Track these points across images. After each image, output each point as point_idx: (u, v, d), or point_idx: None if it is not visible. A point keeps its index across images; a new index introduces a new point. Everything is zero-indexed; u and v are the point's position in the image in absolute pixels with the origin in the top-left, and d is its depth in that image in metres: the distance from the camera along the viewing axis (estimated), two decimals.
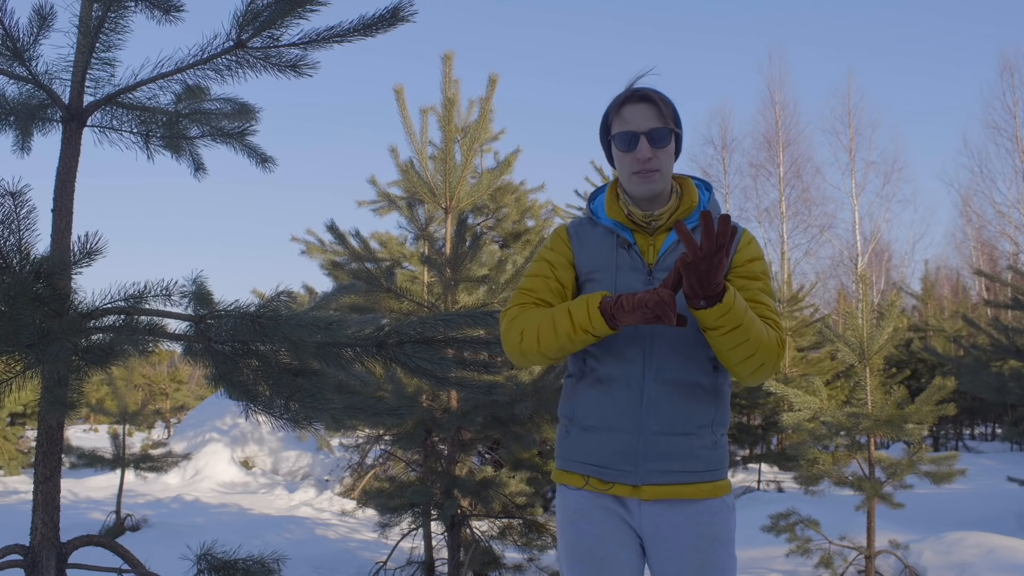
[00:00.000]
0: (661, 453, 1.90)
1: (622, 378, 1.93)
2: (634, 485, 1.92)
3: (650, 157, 1.92)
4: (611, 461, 1.92)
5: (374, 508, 5.71)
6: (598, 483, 1.95)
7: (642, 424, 1.91)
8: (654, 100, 1.95)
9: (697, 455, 1.92)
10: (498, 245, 8.86)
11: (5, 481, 11.97)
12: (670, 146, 1.97)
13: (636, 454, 1.91)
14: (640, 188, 1.96)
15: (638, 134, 1.92)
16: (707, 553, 1.91)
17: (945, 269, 29.74)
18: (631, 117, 1.94)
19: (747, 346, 1.82)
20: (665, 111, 1.95)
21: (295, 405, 2.33)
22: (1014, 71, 26.71)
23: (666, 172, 1.97)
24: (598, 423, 1.95)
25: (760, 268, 2.01)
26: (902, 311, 12.60)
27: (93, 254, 2.15)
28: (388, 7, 2.26)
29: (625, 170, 1.97)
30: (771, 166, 29.23)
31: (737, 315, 1.77)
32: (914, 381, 15.04)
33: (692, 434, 1.92)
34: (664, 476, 1.90)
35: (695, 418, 1.93)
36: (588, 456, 1.96)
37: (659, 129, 1.93)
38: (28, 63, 2.38)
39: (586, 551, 1.94)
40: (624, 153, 1.95)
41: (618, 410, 1.92)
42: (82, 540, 2.47)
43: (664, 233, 2.00)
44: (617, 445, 1.92)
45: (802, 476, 5.68)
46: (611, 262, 1.99)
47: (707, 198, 2.06)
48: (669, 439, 1.91)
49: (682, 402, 1.92)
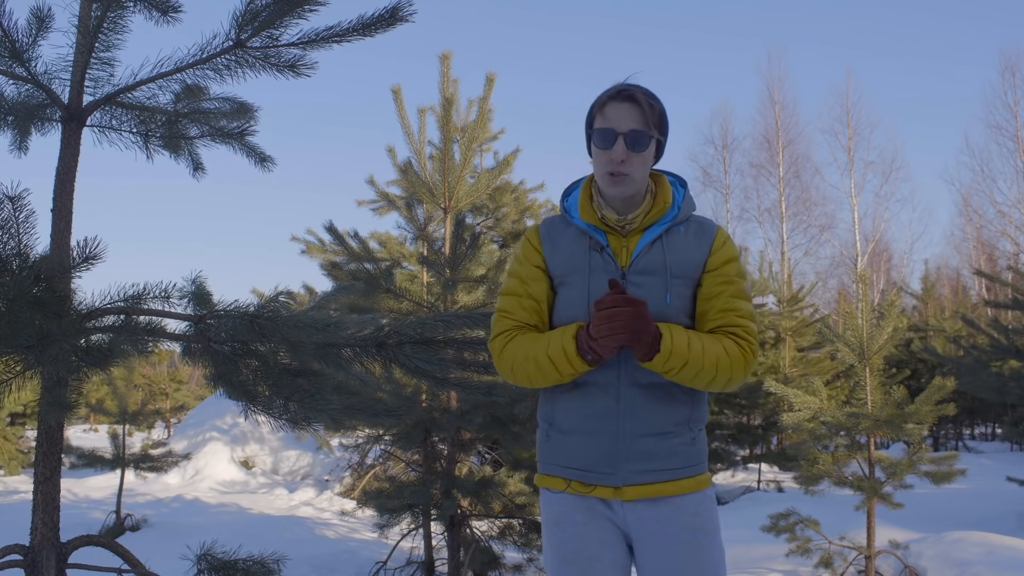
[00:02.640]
0: (640, 454, 1.91)
1: (598, 383, 1.94)
2: (615, 487, 1.92)
3: (624, 160, 1.88)
4: (591, 464, 1.93)
5: (374, 508, 5.71)
6: (580, 486, 1.95)
7: (620, 427, 1.92)
8: (639, 102, 1.90)
9: (676, 452, 1.93)
10: (497, 245, 8.86)
11: (5, 481, 11.97)
12: (648, 151, 1.92)
13: (616, 456, 1.91)
14: (611, 190, 1.94)
15: (617, 134, 1.89)
16: (694, 544, 1.92)
17: (945, 269, 29.75)
18: (613, 115, 1.90)
19: (704, 373, 1.87)
20: (650, 115, 1.91)
21: (294, 405, 2.33)
22: (1015, 70, 26.72)
23: (638, 177, 1.93)
24: (577, 427, 1.96)
25: (735, 270, 1.99)
26: (902, 311, 12.57)
27: (92, 259, 2.16)
28: (387, 7, 2.26)
29: (600, 168, 1.95)
30: (771, 166, 29.25)
31: (680, 355, 1.83)
32: (914, 381, 15.03)
33: (670, 433, 1.93)
34: (645, 476, 1.91)
35: (671, 417, 1.94)
36: (569, 460, 1.97)
37: (639, 132, 1.88)
38: (27, 63, 2.38)
39: (570, 552, 1.94)
40: (601, 151, 1.92)
41: (596, 414, 1.93)
42: (82, 540, 2.47)
43: (638, 235, 1.98)
44: (597, 448, 1.93)
45: (802, 476, 5.68)
46: (584, 265, 1.97)
47: (682, 195, 2.03)
48: (647, 440, 1.91)
49: (658, 403, 1.93)
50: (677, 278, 1.95)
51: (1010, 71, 26.84)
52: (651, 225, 1.98)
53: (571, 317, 1.97)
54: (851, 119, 28.62)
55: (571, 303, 1.98)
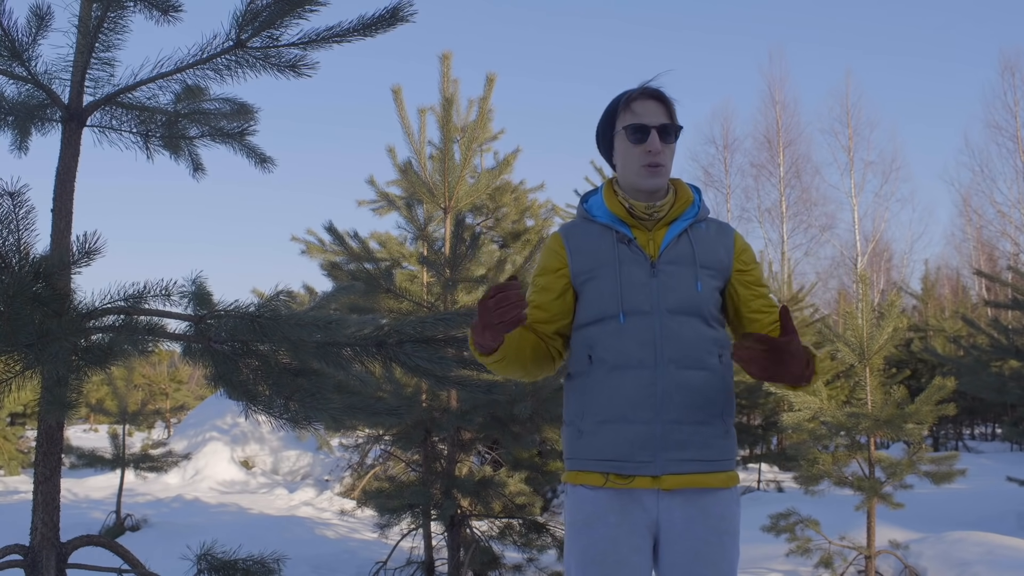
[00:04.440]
0: (677, 442, 1.92)
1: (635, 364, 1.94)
2: (654, 476, 1.92)
3: (660, 151, 1.98)
4: (629, 453, 1.93)
5: (374, 508, 5.71)
6: (618, 479, 1.94)
7: (657, 414, 1.92)
8: (664, 100, 2.03)
9: (710, 444, 1.95)
10: (497, 245, 8.84)
11: (5, 481, 11.97)
12: (674, 145, 2.04)
13: (654, 444, 1.92)
14: (648, 182, 2.00)
15: (649, 127, 1.99)
16: (717, 546, 1.93)
17: (945, 269, 29.73)
18: (643, 111, 2.00)
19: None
20: (672, 111, 2.04)
21: (295, 405, 2.33)
22: (1015, 71, 26.74)
23: (669, 169, 2.04)
24: (613, 415, 1.95)
25: (760, 270, 2.12)
26: (902, 311, 12.57)
27: (92, 254, 2.15)
28: (387, 7, 2.26)
29: (633, 163, 2.01)
30: (772, 166, 29.25)
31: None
32: (914, 381, 15.01)
33: (706, 423, 1.95)
34: (683, 465, 1.92)
35: (706, 407, 1.95)
36: (604, 452, 1.95)
37: (668, 126, 2.01)
38: (27, 63, 2.38)
39: (600, 554, 1.94)
40: (634, 145, 2.00)
41: (633, 401, 1.93)
42: (82, 540, 2.47)
43: (663, 228, 2.04)
44: (635, 436, 1.92)
45: (802, 476, 5.68)
46: (612, 257, 2.00)
47: (699, 198, 2.11)
48: (684, 428, 1.93)
49: (694, 392, 1.94)
50: (705, 269, 2.01)
51: (1010, 71, 26.88)
52: (676, 219, 2.05)
53: (601, 311, 1.99)
54: (851, 119, 28.65)
55: (601, 296, 2.00)
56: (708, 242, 2.05)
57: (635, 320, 1.95)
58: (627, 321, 1.95)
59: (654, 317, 1.95)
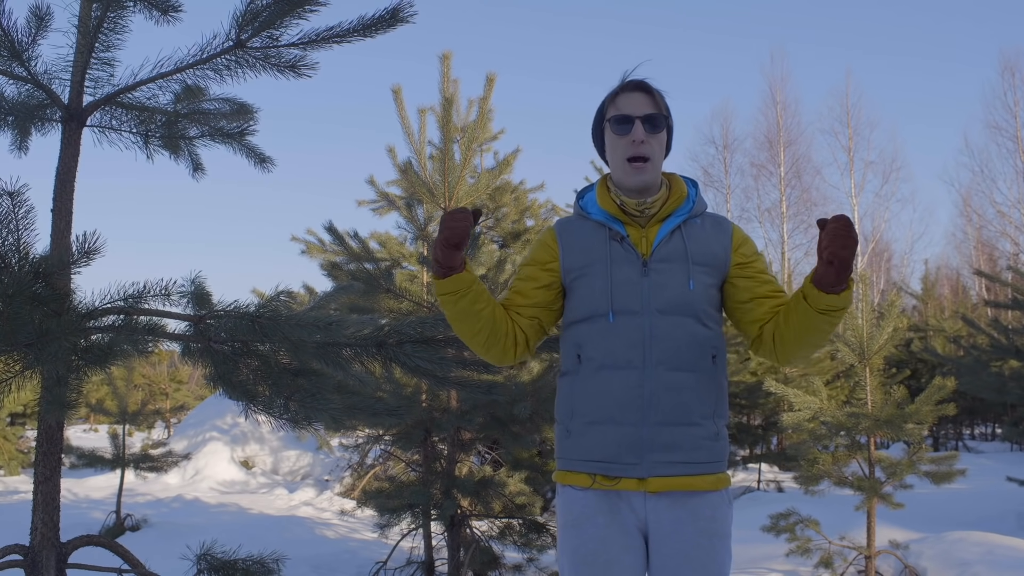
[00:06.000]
0: (665, 444, 1.90)
1: (623, 365, 1.92)
2: (640, 478, 1.91)
3: (644, 141, 1.96)
4: (615, 455, 1.91)
5: (374, 508, 5.71)
6: (604, 480, 1.93)
7: (645, 415, 1.90)
8: (649, 90, 2.01)
9: (699, 446, 1.92)
10: (497, 245, 8.85)
11: (5, 481, 11.97)
12: (663, 135, 2.01)
13: (640, 446, 1.90)
14: (633, 178, 1.97)
15: (633, 117, 1.96)
16: (706, 548, 1.92)
17: (945, 269, 29.75)
18: (627, 104, 1.98)
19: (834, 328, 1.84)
20: (660, 101, 2.01)
21: (295, 405, 2.33)
22: (1015, 71, 26.73)
23: (657, 162, 2.00)
24: (601, 417, 1.93)
25: (763, 262, 2.07)
26: (902, 311, 12.58)
27: (92, 253, 2.15)
28: (387, 8, 2.26)
29: (619, 156, 1.99)
30: (772, 166, 29.25)
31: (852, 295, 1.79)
32: (914, 381, 15.02)
33: (695, 424, 1.92)
34: (670, 467, 1.90)
35: (697, 408, 1.92)
36: (592, 452, 1.94)
37: (654, 115, 1.98)
38: (27, 63, 2.38)
39: (589, 555, 1.93)
40: (619, 137, 1.98)
41: (620, 402, 1.91)
42: (82, 540, 2.47)
43: (656, 225, 2.00)
44: (621, 438, 1.91)
45: (802, 476, 5.68)
46: (604, 255, 1.98)
47: (695, 192, 2.08)
48: (672, 430, 1.90)
49: (683, 393, 1.91)
50: (699, 266, 1.97)
51: (1009, 71, 26.88)
52: (669, 215, 2.01)
53: (591, 309, 1.97)
54: (851, 119, 28.67)
55: (592, 294, 1.97)
56: (703, 238, 2.00)
57: (624, 320, 1.93)
58: (616, 320, 1.93)
59: (644, 317, 1.92)
